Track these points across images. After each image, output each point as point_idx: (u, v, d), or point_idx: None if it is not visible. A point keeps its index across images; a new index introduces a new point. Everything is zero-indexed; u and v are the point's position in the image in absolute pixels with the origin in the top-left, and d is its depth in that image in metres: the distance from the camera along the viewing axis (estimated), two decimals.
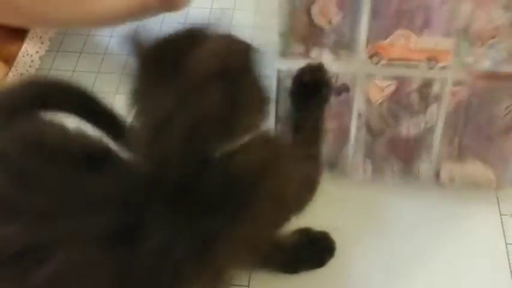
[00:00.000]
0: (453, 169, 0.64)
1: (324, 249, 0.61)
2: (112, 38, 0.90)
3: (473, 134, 0.63)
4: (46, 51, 0.88)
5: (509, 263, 0.65)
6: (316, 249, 0.61)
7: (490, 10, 0.57)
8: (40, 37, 0.89)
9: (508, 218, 0.68)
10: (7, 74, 0.86)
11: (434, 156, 0.65)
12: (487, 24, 0.57)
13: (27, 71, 0.85)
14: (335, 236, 0.65)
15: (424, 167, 0.65)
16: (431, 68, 0.59)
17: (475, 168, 0.64)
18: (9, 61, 0.87)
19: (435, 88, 0.61)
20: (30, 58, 0.87)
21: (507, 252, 0.65)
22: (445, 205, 0.70)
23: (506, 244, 0.66)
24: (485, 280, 0.63)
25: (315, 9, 0.59)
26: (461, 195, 0.71)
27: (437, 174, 0.64)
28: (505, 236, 0.66)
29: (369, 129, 0.64)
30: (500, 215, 0.68)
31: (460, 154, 0.64)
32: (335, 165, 0.65)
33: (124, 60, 0.86)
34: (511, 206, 0.69)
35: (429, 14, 0.58)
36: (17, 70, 0.86)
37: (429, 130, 0.63)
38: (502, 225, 0.67)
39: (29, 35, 0.90)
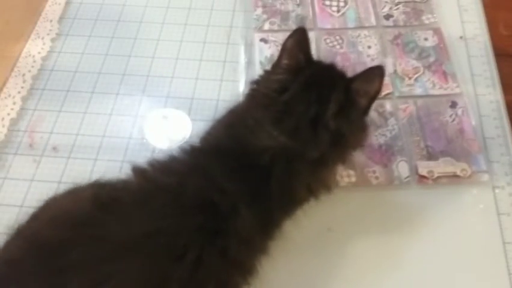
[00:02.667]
0: (429, 164, 0.74)
1: None
2: (114, 39, 0.91)
3: (433, 137, 0.77)
4: (48, 52, 0.90)
5: (507, 262, 0.65)
6: None
7: (407, 60, 0.87)
8: (42, 38, 0.91)
9: (505, 217, 0.69)
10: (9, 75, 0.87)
11: (408, 157, 0.76)
12: (407, 67, 0.86)
13: (29, 71, 0.87)
14: (329, 236, 0.69)
15: (402, 165, 0.75)
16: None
17: (448, 163, 0.74)
18: (11, 62, 0.88)
19: (388, 107, 0.82)
20: (32, 59, 0.89)
21: (505, 251, 0.66)
22: (440, 204, 0.71)
23: (504, 243, 0.66)
24: (482, 280, 0.65)
25: None
26: (457, 194, 0.71)
27: (416, 171, 0.73)
28: (502, 235, 0.67)
29: None
30: (498, 214, 0.69)
31: (430, 154, 0.75)
32: None
33: (125, 61, 0.88)
34: (508, 205, 0.70)
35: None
36: (19, 71, 0.87)
37: (395, 137, 0.79)
38: (500, 225, 0.68)
39: (32, 35, 0.91)
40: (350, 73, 0.65)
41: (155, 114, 0.83)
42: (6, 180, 0.75)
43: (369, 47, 0.89)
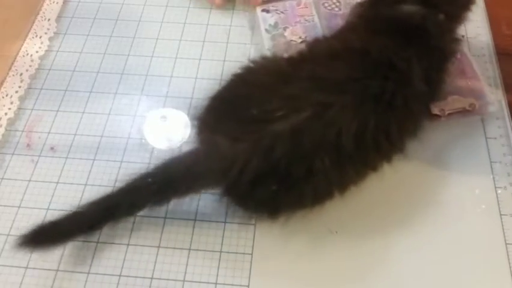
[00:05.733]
0: (440, 104, 0.79)
1: None
2: (112, 38, 0.91)
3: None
4: (46, 51, 0.90)
5: (510, 264, 0.65)
6: None
7: None
8: (40, 37, 0.92)
9: (508, 218, 0.69)
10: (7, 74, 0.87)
11: None
12: None
13: (27, 71, 0.87)
14: None
15: None
16: None
17: (456, 100, 0.79)
18: (8, 61, 0.88)
19: None
20: (30, 58, 0.89)
21: (507, 252, 0.66)
22: (442, 204, 0.71)
23: (506, 244, 0.66)
24: (484, 281, 0.65)
25: (288, 32, 0.90)
26: (460, 193, 0.71)
27: (429, 111, 0.78)
28: (504, 236, 0.67)
29: None
30: (500, 215, 0.69)
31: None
32: None
33: (124, 60, 0.88)
34: (511, 206, 0.70)
35: None
36: (16, 70, 0.87)
37: None
38: (502, 225, 0.68)
39: (29, 34, 0.92)
40: None
41: (154, 114, 0.83)
42: (4, 180, 0.76)
43: None
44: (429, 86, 0.69)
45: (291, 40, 0.88)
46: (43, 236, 0.65)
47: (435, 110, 0.78)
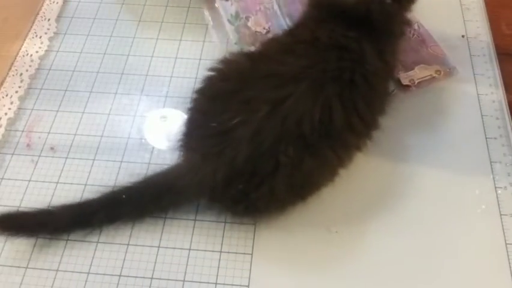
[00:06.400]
0: (408, 74, 0.82)
1: None
2: (112, 38, 0.91)
3: (402, 53, 0.83)
4: (46, 51, 0.91)
5: (510, 264, 0.65)
6: None
7: None
8: (40, 37, 0.92)
9: (508, 218, 0.69)
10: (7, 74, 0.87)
11: None
12: None
13: (27, 71, 0.87)
14: None
15: None
16: None
17: (423, 68, 0.83)
18: (8, 61, 0.88)
19: None
20: (30, 58, 0.89)
21: (507, 252, 0.66)
22: (443, 205, 0.70)
23: (506, 244, 0.66)
24: (484, 281, 0.65)
25: (251, 23, 0.91)
26: (459, 195, 0.71)
27: (400, 83, 0.82)
28: (505, 236, 0.67)
29: None
30: (500, 215, 0.69)
31: (405, 67, 0.83)
32: None
33: (124, 60, 0.88)
34: (511, 206, 0.70)
35: None
36: (16, 70, 0.87)
37: None
38: (502, 226, 0.68)
39: (29, 34, 0.92)
40: None
41: (154, 114, 0.84)
42: (4, 180, 0.76)
43: None
44: (383, 64, 0.70)
45: (256, 31, 0.88)
46: (11, 223, 0.68)
47: (405, 81, 0.81)
